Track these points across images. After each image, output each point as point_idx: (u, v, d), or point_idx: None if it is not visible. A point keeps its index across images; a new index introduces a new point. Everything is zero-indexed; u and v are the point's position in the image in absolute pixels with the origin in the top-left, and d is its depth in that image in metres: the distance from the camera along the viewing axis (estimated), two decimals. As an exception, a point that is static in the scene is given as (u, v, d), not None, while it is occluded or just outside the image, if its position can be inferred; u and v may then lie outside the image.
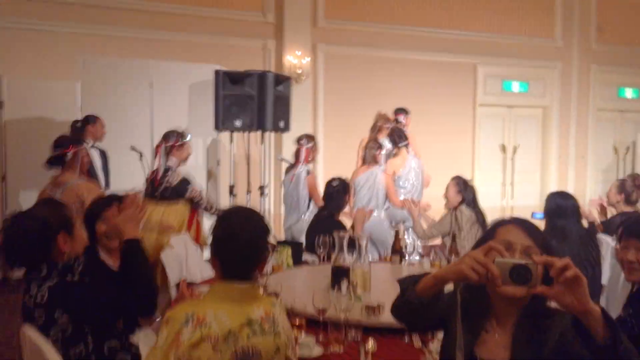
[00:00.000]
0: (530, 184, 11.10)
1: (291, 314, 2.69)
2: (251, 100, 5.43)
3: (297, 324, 2.70)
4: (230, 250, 2.00)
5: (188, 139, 4.81)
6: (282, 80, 5.68)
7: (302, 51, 8.86)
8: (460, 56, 10.21)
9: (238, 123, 5.38)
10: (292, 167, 5.70)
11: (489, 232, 1.80)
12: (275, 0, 8.90)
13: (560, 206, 3.89)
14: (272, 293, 3.00)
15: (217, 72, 5.45)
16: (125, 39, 7.99)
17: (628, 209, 4.63)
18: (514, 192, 10.97)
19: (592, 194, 11.04)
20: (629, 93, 11.91)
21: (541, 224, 3.92)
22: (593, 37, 11.29)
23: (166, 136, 4.72)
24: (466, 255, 1.57)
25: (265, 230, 2.09)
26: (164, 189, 4.57)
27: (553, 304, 1.53)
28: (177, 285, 3.65)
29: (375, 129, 7.11)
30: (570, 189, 11.14)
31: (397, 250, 4.08)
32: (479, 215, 4.59)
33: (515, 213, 10.15)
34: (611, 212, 4.94)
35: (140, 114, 7.42)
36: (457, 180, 4.70)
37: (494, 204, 10.70)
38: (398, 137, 6.40)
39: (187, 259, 3.90)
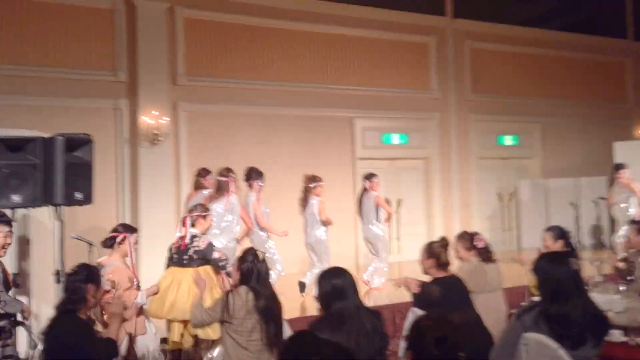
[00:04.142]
0: (417, 237, 10.80)
1: None
2: (34, 170, 4.58)
3: None
4: None
5: (210, 211, 5.44)
6: (80, 144, 4.76)
7: (159, 111, 8.25)
8: (335, 110, 9.94)
9: (17, 198, 4.46)
10: (216, 198, 6.23)
11: None
12: (128, 58, 8.31)
13: (337, 286, 3.15)
14: None
15: None
16: None
17: (441, 273, 4.13)
18: (401, 246, 10.64)
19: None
20: (508, 140, 12.04)
21: None
22: (469, 87, 11.39)
23: (191, 208, 5.30)
24: None
25: None
26: (193, 252, 4.91)
27: None
28: None
29: (306, 191, 7.26)
30: (457, 240, 10.94)
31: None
32: (266, 301, 3.57)
33: (403, 269, 9.78)
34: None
35: None
36: (241, 253, 3.77)
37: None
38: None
39: None
